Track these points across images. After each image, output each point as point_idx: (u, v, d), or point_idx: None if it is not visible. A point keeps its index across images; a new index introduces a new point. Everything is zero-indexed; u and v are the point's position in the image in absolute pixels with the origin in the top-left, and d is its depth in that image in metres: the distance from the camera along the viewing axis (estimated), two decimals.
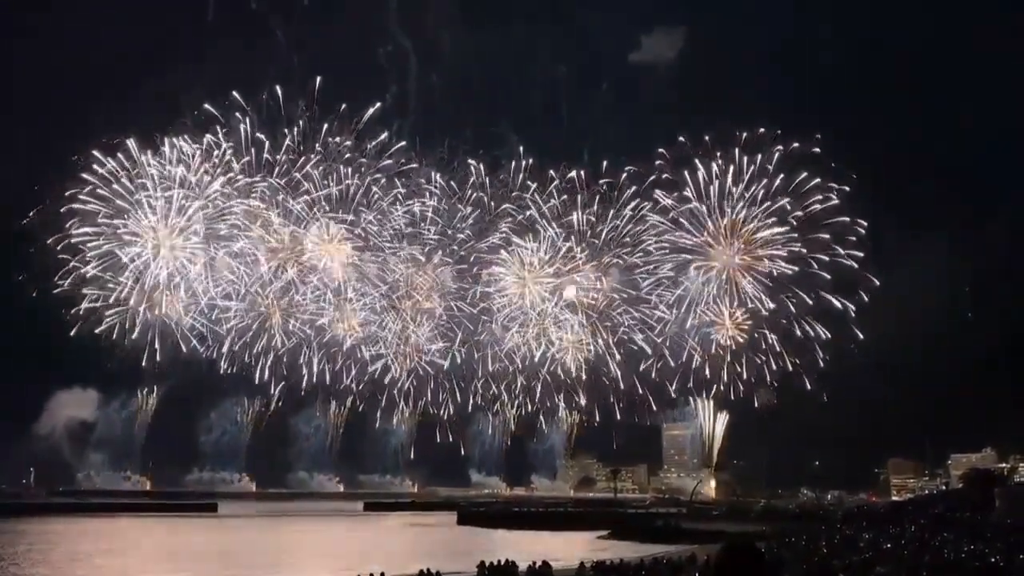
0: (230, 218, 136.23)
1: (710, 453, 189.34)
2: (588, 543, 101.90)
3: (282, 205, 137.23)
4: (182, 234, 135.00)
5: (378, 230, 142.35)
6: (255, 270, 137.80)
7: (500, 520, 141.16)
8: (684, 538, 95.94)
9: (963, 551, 51.74)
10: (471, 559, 53.01)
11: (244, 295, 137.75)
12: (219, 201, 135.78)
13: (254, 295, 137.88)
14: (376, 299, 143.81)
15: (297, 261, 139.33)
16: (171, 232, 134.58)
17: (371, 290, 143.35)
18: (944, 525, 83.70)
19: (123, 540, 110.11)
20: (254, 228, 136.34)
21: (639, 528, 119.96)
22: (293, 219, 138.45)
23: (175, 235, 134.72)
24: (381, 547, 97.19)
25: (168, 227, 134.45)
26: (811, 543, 66.31)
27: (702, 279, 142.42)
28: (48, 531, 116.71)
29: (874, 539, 67.64)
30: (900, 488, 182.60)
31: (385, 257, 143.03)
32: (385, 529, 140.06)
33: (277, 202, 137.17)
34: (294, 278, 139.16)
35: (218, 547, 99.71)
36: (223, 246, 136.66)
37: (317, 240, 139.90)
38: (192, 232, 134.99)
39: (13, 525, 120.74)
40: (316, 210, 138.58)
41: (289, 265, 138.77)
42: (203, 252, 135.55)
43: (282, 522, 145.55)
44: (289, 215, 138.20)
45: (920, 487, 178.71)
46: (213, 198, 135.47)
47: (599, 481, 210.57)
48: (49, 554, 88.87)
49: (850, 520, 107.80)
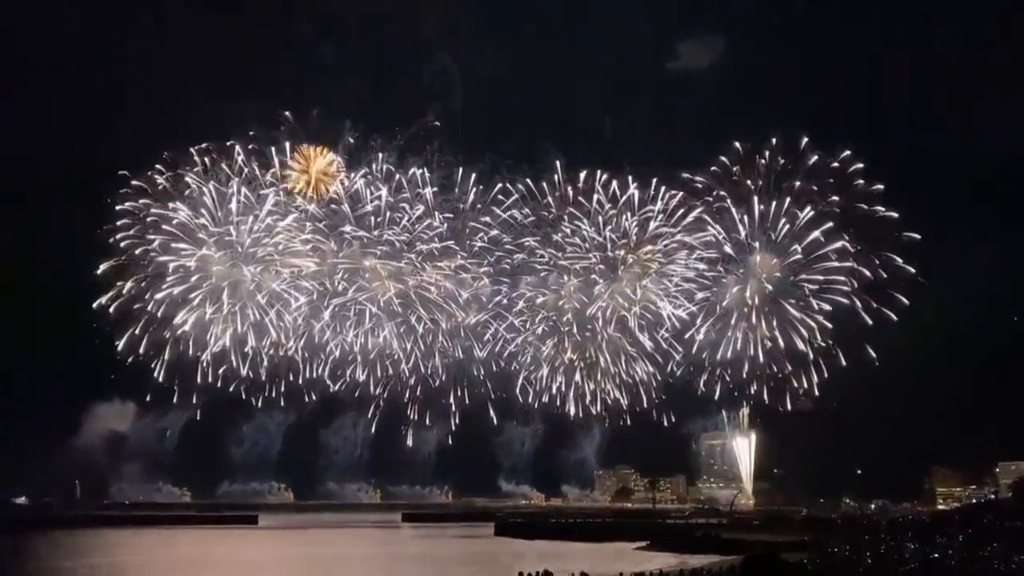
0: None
1: (750, 462, 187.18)
2: (627, 554, 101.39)
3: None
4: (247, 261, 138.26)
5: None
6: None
7: (538, 531, 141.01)
8: (724, 548, 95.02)
9: (1013, 562, 50.72)
10: (510, 571, 53.35)
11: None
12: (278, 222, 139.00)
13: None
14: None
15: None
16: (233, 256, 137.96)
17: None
18: (993, 535, 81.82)
19: (198, 553, 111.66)
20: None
21: (678, 539, 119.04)
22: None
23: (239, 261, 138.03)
24: (422, 558, 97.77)
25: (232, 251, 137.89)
26: (855, 554, 65.38)
27: (742, 287, 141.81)
28: (110, 543, 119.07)
29: (920, 550, 66.52)
30: (946, 497, 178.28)
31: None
32: (424, 540, 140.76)
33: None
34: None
35: (289, 559, 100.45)
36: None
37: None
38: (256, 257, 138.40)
39: (69, 537, 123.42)
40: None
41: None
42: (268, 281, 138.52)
43: (325, 534, 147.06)
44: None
45: (967, 496, 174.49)
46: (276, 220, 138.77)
47: (637, 491, 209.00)
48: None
49: (895, 530, 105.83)
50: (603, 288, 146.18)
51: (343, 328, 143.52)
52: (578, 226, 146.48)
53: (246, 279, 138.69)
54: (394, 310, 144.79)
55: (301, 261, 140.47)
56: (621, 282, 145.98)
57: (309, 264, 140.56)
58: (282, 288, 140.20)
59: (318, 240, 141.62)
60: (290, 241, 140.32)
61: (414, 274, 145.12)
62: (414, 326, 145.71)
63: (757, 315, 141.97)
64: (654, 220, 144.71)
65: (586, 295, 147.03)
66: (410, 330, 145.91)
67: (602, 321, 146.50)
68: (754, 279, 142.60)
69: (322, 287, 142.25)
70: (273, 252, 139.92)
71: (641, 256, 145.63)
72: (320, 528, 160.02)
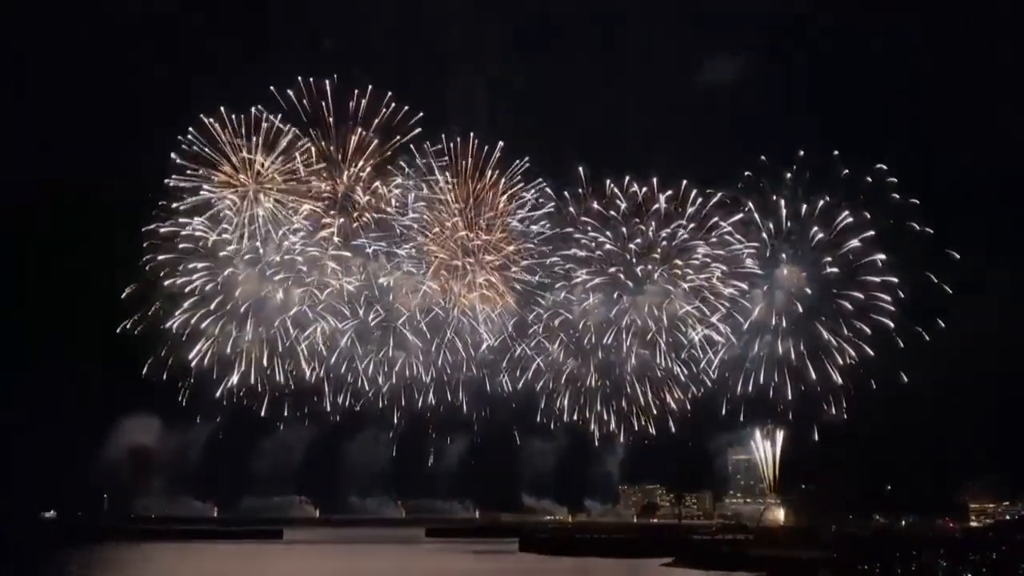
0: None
1: (777, 477, 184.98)
2: (654, 570, 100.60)
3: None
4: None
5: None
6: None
7: (563, 546, 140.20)
8: (751, 565, 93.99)
9: None
10: None
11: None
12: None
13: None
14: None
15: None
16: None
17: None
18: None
19: (226, 568, 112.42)
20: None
21: (705, 554, 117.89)
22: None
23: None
24: (450, 574, 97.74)
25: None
26: (885, 571, 64.40)
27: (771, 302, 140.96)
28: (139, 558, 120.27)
29: (952, 567, 65.43)
30: (979, 513, 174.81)
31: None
32: (450, 555, 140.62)
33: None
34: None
35: (316, 574, 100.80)
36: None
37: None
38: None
39: (98, 552, 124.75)
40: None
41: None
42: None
43: (351, 549, 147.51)
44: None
45: (1000, 512, 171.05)
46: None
47: (662, 507, 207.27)
48: None
49: (927, 547, 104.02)
50: (628, 303, 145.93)
51: (367, 344, 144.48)
52: (603, 239, 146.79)
53: (272, 296, 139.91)
54: (417, 326, 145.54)
55: (328, 278, 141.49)
56: (647, 297, 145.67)
57: (333, 281, 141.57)
58: (307, 305, 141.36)
59: (341, 254, 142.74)
60: (313, 255, 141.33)
61: (439, 288, 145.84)
62: (437, 341, 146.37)
63: (787, 330, 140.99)
64: (681, 234, 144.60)
65: (610, 309, 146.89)
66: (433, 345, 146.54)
67: (627, 337, 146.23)
68: (783, 294, 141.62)
69: (348, 303, 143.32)
70: (300, 267, 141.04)
71: (668, 271, 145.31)
72: (346, 543, 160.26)
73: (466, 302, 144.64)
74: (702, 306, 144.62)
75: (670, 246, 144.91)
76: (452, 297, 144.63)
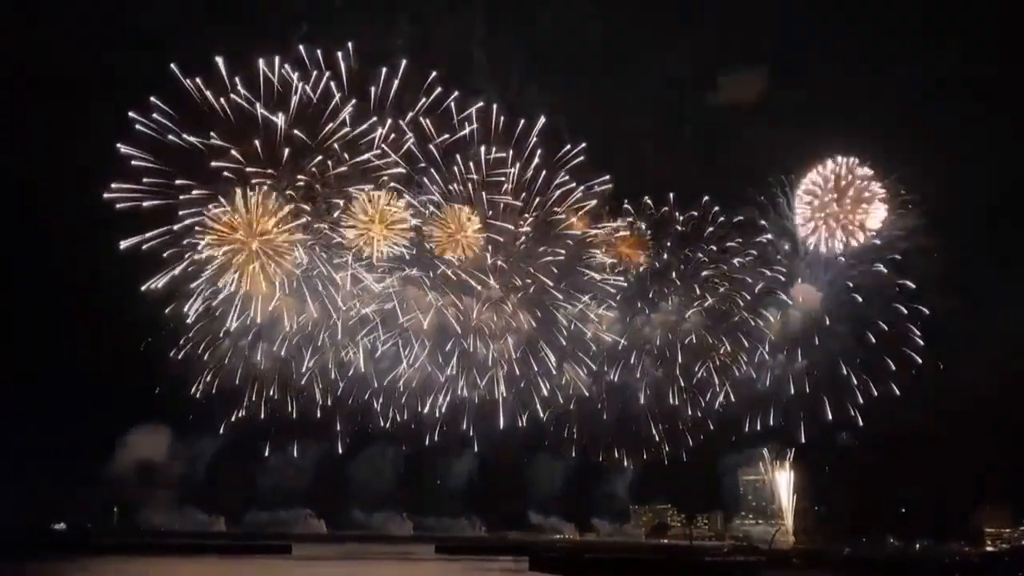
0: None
1: (790, 498, 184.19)
2: None
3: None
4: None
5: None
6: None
7: (575, 566, 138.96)
8: None
9: None
10: None
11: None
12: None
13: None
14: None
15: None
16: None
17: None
18: None
19: None
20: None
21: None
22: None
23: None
24: None
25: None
26: None
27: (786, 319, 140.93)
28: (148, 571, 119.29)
29: None
30: (995, 538, 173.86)
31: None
32: (462, 574, 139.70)
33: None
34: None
35: None
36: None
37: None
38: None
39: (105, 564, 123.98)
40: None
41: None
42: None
43: (360, 565, 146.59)
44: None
45: (1016, 537, 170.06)
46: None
47: (673, 527, 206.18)
48: None
49: (941, 572, 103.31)
50: (643, 321, 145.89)
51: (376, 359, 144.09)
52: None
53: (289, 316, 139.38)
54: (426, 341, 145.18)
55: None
56: (663, 314, 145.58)
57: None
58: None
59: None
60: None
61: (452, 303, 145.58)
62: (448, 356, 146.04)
63: (801, 352, 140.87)
64: (698, 252, 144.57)
65: (625, 327, 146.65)
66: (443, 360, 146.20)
67: (642, 355, 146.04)
68: (796, 311, 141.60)
69: (357, 317, 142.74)
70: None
71: (684, 292, 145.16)
72: (355, 559, 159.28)
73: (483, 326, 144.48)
74: (716, 328, 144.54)
75: (686, 267, 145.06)
76: (469, 318, 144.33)
